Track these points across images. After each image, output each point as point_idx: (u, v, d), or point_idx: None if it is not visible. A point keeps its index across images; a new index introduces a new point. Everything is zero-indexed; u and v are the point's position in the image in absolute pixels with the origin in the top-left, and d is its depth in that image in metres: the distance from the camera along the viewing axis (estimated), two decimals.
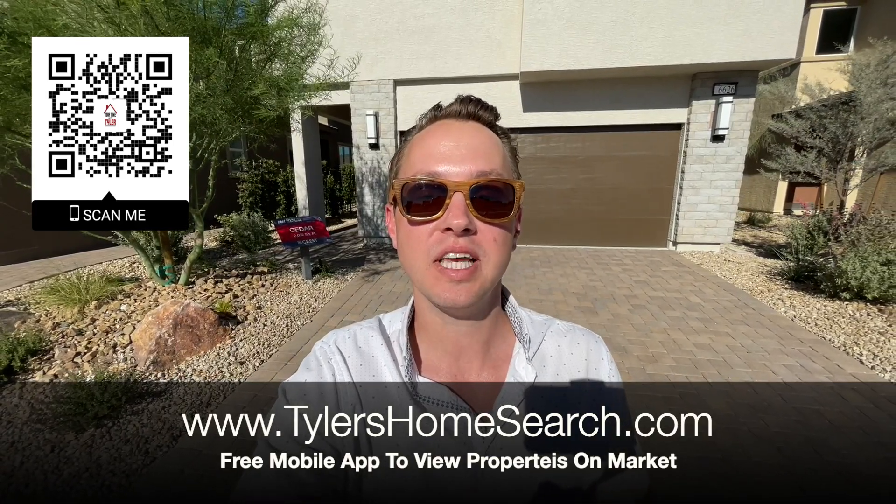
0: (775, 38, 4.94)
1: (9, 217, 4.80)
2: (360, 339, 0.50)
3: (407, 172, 0.45)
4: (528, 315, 0.54)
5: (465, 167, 0.41)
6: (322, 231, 4.79)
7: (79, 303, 3.09)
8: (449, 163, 0.41)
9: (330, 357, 0.48)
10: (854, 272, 3.44)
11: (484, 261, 0.42)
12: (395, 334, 0.51)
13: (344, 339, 0.51)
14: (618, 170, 6.27)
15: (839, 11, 9.61)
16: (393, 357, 0.48)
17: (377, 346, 0.49)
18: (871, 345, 3.01)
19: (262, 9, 2.87)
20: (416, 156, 0.44)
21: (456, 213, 0.40)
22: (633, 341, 3.17)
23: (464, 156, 0.41)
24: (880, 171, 5.87)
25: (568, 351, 0.53)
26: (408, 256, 0.45)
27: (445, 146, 0.42)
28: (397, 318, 0.53)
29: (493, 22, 5.85)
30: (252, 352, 2.99)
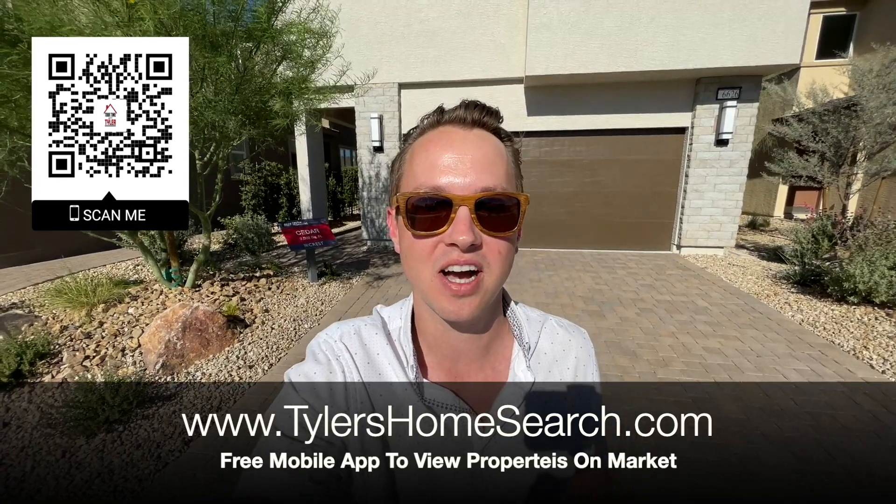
0: (780, 43, 4.97)
1: (12, 219, 4.79)
2: (365, 335, 0.50)
3: (410, 182, 0.44)
4: (525, 312, 0.55)
5: (469, 180, 0.41)
6: (327, 233, 4.78)
7: (86, 305, 3.07)
8: (453, 175, 0.41)
9: (339, 354, 0.48)
10: (862, 276, 3.45)
11: (487, 273, 0.42)
12: (395, 332, 0.51)
13: (349, 334, 0.50)
14: (622, 173, 6.29)
15: (839, 17, 9.69)
16: (396, 356, 0.49)
17: (381, 344, 0.50)
18: (881, 349, 3.01)
19: (270, 11, 2.88)
20: (419, 166, 0.43)
21: (461, 228, 0.39)
22: (642, 345, 3.17)
23: (469, 169, 0.41)
24: (882, 176, 5.89)
25: (560, 349, 0.54)
26: (411, 266, 0.44)
27: (450, 158, 0.41)
28: (396, 315, 0.53)
29: (498, 26, 5.88)
30: (261, 355, 2.98)
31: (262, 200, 8.84)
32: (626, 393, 2.51)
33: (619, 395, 2.51)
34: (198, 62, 2.53)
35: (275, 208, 9.16)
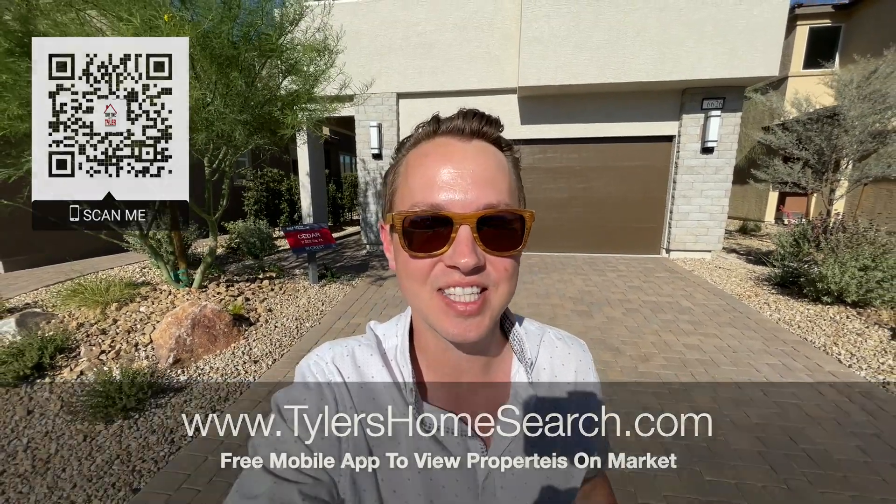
0: (759, 56, 5.22)
1: (22, 223, 4.98)
2: (359, 357, 0.47)
3: (405, 198, 0.41)
4: (525, 326, 0.52)
5: (470, 197, 0.38)
6: (328, 237, 4.97)
7: (100, 304, 3.25)
8: (453, 192, 0.38)
9: (330, 378, 0.45)
10: (834, 277, 3.64)
11: (492, 290, 0.40)
12: (391, 351, 0.48)
13: (342, 356, 0.47)
14: (613, 180, 6.51)
15: (824, 28, 10.00)
16: (393, 378, 0.45)
17: (377, 367, 0.46)
18: (849, 345, 3.20)
19: (279, 32, 3.10)
20: (415, 181, 0.40)
21: (463, 250, 0.37)
22: (626, 342, 3.34)
23: (469, 185, 0.38)
24: (864, 182, 6.11)
25: (560, 362, 0.52)
26: (408, 287, 0.42)
27: (448, 173, 0.38)
28: (392, 332, 0.49)
29: (492, 39, 6.13)
30: (265, 351, 3.15)
31: (264, 206, 9.05)
32: (608, 388, 2.69)
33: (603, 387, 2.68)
34: (209, 77, 2.74)
35: (276, 214, 9.37)
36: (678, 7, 5.26)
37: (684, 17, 5.26)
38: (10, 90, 2.27)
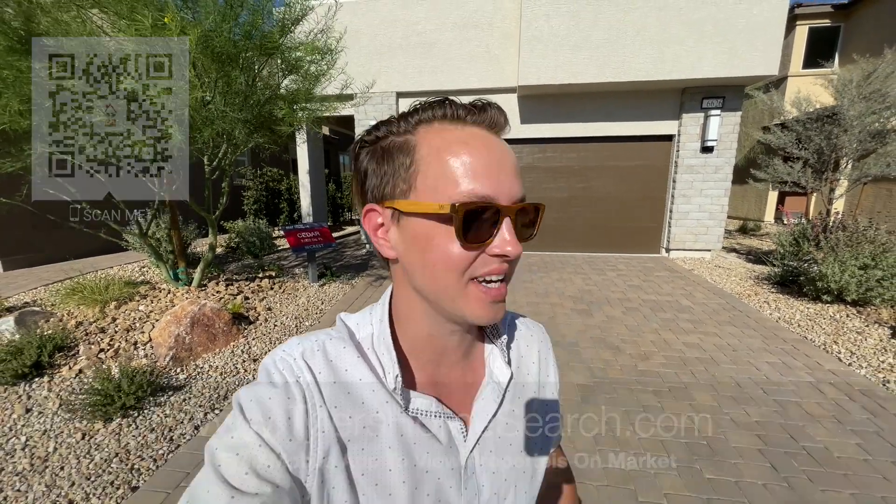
0: (759, 56, 5.22)
1: (21, 223, 4.98)
2: (331, 351, 0.44)
3: (439, 183, 0.39)
4: None
5: (511, 189, 0.40)
6: (328, 236, 4.96)
7: (99, 303, 3.24)
8: (500, 183, 0.39)
9: (299, 375, 0.41)
10: (834, 276, 3.64)
11: (508, 278, 0.43)
12: (366, 340, 0.46)
13: (312, 351, 0.44)
14: (612, 179, 6.51)
15: (824, 28, 10.01)
16: (370, 368, 0.44)
17: (351, 358, 0.44)
18: (849, 343, 3.19)
19: (282, 31, 3.10)
20: (458, 169, 0.38)
21: (512, 240, 0.39)
22: (626, 340, 3.34)
23: (509, 177, 0.40)
24: (863, 182, 6.11)
25: (525, 343, 0.55)
26: (437, 276, 0.41)
27: (497, 165, 0.39)
28: (366, 321, 0.48)
29: (492, 38, 6.13)
30: (264, 349, 3.14)
31: (264, 205, 9.04)
32: (608, 386, 2.68)
33: (602, 385, 2.68)
34: (210, 75, 2.73)
35: (276, 213, 9.37)
36: (678, 6, 5.26)
37: (684, 16, 5.27)
38: (11, 87, 2.27)
